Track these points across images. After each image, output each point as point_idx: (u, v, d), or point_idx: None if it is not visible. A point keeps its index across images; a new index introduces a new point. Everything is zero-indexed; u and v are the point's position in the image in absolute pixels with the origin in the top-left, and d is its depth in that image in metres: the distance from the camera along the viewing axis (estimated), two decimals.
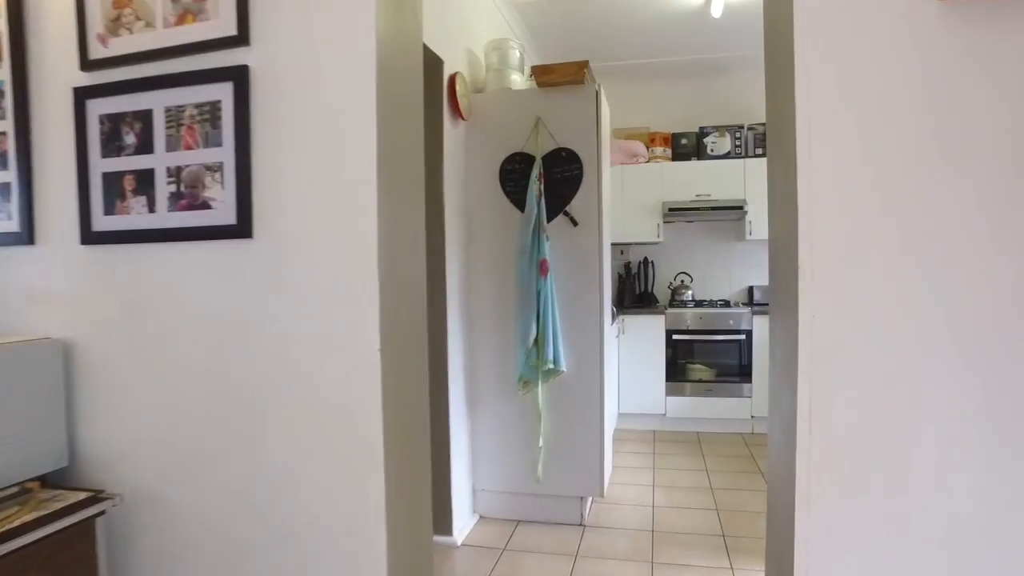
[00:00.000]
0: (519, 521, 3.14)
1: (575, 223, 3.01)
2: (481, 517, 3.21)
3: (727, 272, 5.17)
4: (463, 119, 3.04)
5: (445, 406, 2.87)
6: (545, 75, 3.05)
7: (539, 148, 3.03)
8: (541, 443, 3.06)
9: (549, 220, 3.02)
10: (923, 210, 1.05)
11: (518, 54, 3.34)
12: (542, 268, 2.94)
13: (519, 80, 3.30)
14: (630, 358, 4.70)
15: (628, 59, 4.93)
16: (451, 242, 2.92)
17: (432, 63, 2.84)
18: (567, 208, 3.02)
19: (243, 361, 1.41)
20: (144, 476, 1.50)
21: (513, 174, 3.08)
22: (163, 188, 1.46)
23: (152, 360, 1.50)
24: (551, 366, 2.95)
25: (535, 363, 2.99)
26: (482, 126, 3.13)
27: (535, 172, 3.00)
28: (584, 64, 2.99)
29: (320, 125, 1.35)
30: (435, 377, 2.87)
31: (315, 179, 1.36)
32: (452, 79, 2.92)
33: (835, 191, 1.08)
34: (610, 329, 3.54)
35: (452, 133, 2.97)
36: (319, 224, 1.35)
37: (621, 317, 4.70)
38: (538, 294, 2.96)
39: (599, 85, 3.03)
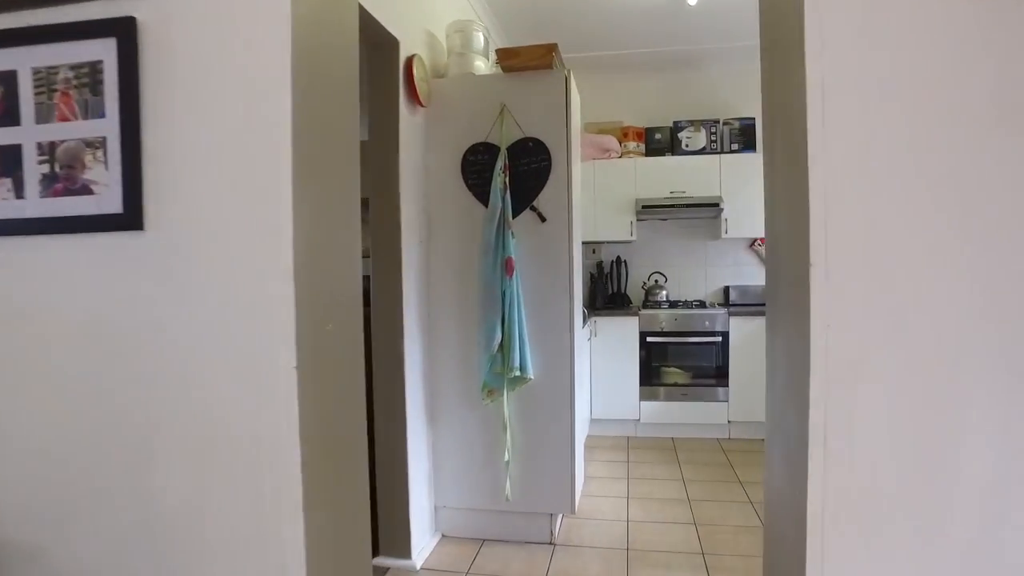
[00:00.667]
0: (484, 540, 2.91)
1: (543, 219, 2.79)
2: (443, 536, 2.97)
3: (702, 272, 5.01)
4: (421, 106, 2.80)
5: (402, 418, 2.63)
6: (510, 59, 2.82)
7: (504, 138, 2.80)
8: (507, 457, 2.83)
9: (515, 215, 2.79)
10: (964, 197, 0.85)
11: (482, 38, 3.10)
12: (507, 267, 2.71)
13: (483, 67, 3.07)
14: (602, 362, 4.51)
15: (600, 50, 4.73)
16: (408, 239, 2.68)
17: (386, 43, 2.60)
18: (534, 203, 2.80)
19: (132, 382, 1.15)
20: (12, 525, 1.23)
21: (476, 165, 2.85)
22: (33, 168, 1.19)
23: (21, 381, 1.22)
24: (517, 373, 2.73)
25: (500, 370, 2.76)
26: (443, 114, 2.89)
27: (499, 163, 2.77)
28: (552, 47, 2.78)
29: (224, 95, 1.10)
30: (391, 387, 2.63)
31: (218, 160, 1.10)
32: (409, 62, 2.67)
33: (855, 174, 0.87)
34: (581, 332, 3.33)
35: (409, 121, 2.72)
36: (223, 215, 1.10)
37: (593, 319, 4.50)
38: (503, 295, 2.73)
39: (569, 70, 2.81)
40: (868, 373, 0.87)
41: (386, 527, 2.69)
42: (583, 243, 4.86)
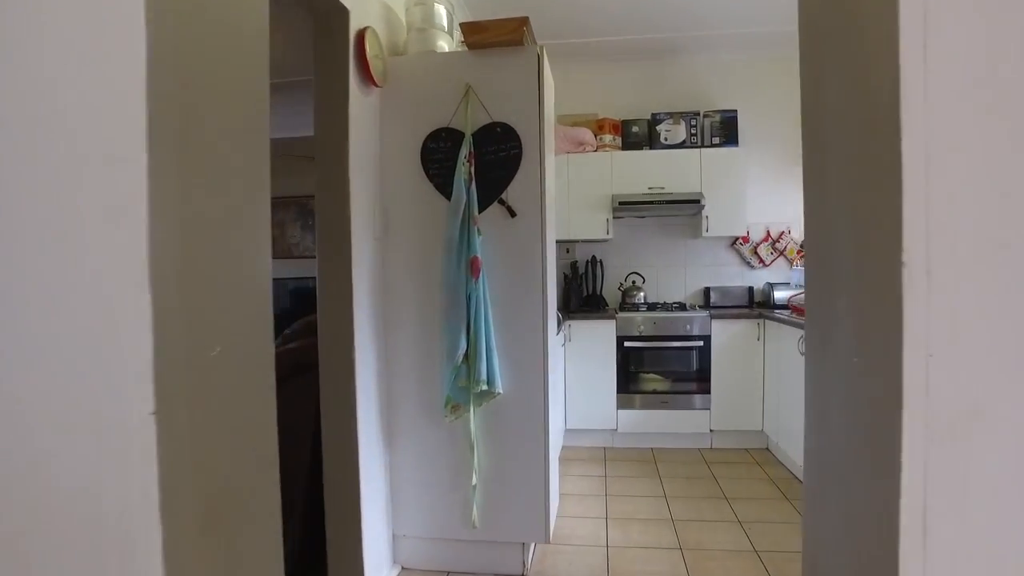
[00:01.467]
0: (449, 573, 2.60)
1: (513, 213, 2.48)
2: (403, 569, 2.65)
3: (681, 272, 4.77)
4: (376, 85, 2.47)
5: (353, 437, 2.30)
6: (476, 34, 2.51)
7: (469, 123, 2.49)
8: (475, 480, 2.52)
9: (481, 209, 2.48)
10: None
11: (445, 12, 2.78)
12: (473, 267, 2.40)
13: (447, 47, 2.76)
14: (577, 368, 4.22)
15: (573, 37, 4.44)
16: (360, 236, 2.35)
17: (333, 11, 2.26)
18: (503, 195, 2.49)
19: None
20: None
21: (438, 153, 2.53)
22: None
23: None
24: (484, 387, 2.42)
25: (465, 383, 2.45)
26: (401, 95, 2.57)
27: (464, 151, 2.46)
28: (523, 21, 2.47)
29: (52, 11, 0.77)
30: (340, 402, 2.30)
31: (41, 110, 0.76)
32: (361, 35, 2.34)
33: (975, 125, 0.58)
34: (555, 339, 3.04)
35: (362, 102, 2.39)
36: (47, 190, 0.76)
37: (567, 322, 4.21)
38: (468, 299, 2.42)
39: (541, 47, 2.51)
40: (992, 424, 0.59)
41: (336, 560, 2.36)
42: (557, 242, 4.58)
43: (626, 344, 4.21)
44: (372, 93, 2.50)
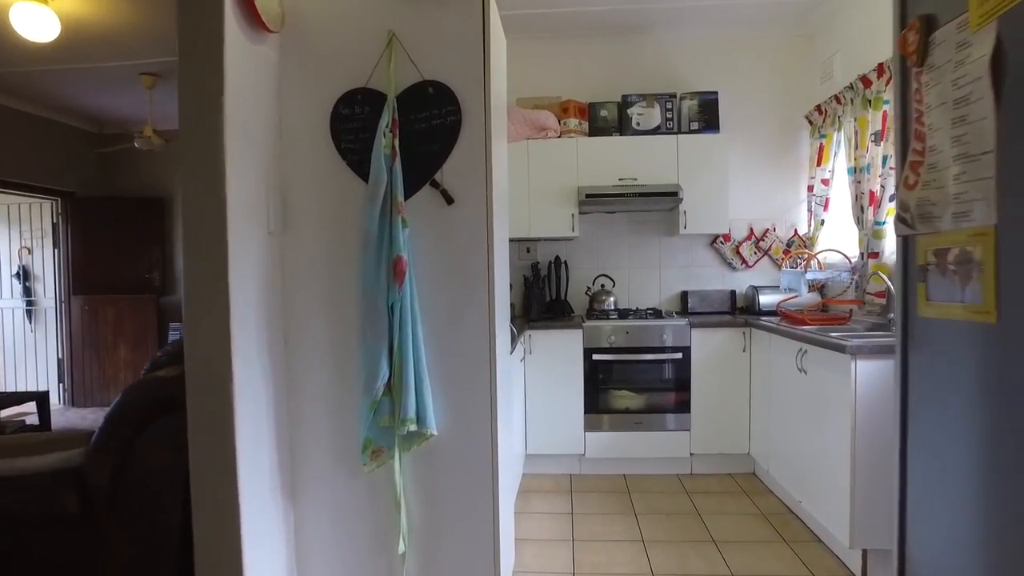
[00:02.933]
0: None
1: (449, 199, 1.92)
2: None
3: (656, 274, 4.26)
4: (268, 31, 1.87)
5: (231, 494, 1.70)
6: None
7: (393, 81, 1.92)
8: (403, 546, 1.94)
9: (408, 195, 1.91)
10: None
11: None
12: (396, 270, 1.83)
13: None
14: (539, 385, 3.67)
15: (534, 8, 3.89)
16: (245, 231, 1.75)
17: None
18: (437, 176, 1.93)
19: None
20: None
21: (353, 121, 1.95)
22: None
23: None
24: (413, 427, 1.85)
25: (388, 422, 1.88)
26: (305, 47, 1.98)
27: (385, 119, 1.88)
28: None
29: None
30: (212, 449, 1.70)
31: None
32: None
33: None
34: (508, 359, 2.48)
35: (248, 53, 1.80)
36: None
37: (528, 332, 3.66)
38: (391, 311, 1.85)
39: None
40: None
41: None
42: (517, 241, 4.04)
43: (594, 356, 3.68)
44: (264, 42, 1.90)
